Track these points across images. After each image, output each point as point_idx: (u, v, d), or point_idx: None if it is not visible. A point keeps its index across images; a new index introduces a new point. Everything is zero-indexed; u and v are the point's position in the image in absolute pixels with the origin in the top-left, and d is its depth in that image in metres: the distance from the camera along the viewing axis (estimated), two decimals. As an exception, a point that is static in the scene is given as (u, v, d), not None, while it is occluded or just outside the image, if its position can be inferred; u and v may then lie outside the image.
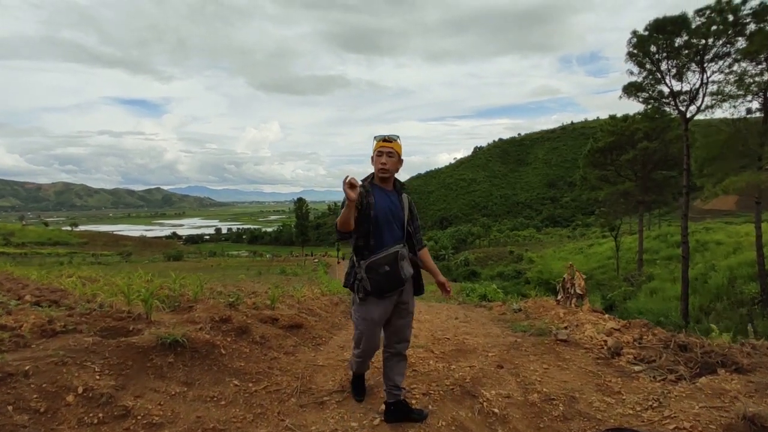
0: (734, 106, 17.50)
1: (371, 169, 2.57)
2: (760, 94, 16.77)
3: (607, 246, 41.84)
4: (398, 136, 2.51)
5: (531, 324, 4.96)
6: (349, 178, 2.15)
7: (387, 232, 2.47)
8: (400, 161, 2.54)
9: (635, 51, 19.94)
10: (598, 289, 26.81)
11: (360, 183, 2.33)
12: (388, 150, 2.47)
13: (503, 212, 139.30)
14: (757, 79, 16.66)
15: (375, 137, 2.49)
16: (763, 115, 16.88)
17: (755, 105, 17.26)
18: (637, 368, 3.29)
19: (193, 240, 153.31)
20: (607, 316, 4.84)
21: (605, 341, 4.09)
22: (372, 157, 2.52)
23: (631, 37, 19.83)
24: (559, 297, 5.75)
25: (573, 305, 5.44)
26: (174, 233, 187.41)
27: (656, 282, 24.67)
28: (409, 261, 2.54)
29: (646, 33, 19.33)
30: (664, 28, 18.79)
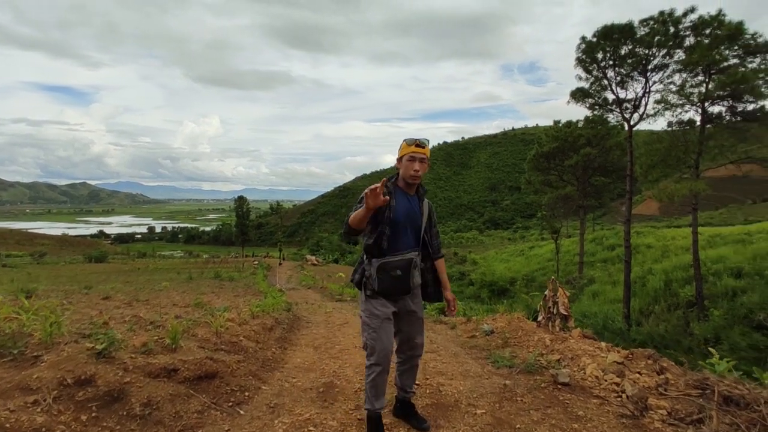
0: (675, 115, 18.06)
1: (317, 169, 1.97)
2: (699, 104, 17.37)
3: (546, 248, 43.02)
4: (428, 140, 2.41)
5: (514, 355, 4.02)
6: (377, 188, 2.01)
7: (402, 236, 2.40)
8: (428, 166, 2.49)
9: (584, 57, 20.13)
10: (540, 291, 27.19)
11: (384, 185, 2.16)
12: (421, 156, 2.40)
13: (447, 214, 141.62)
14: (696, 89, 17.25)
15: (406, 140, 2.41)
16: (700, 125, 17.50)
17: (692, 115, 17.90)
18: (685, 437, 2.41)
19: (123, 239, 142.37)
20: (603, 344, 4.01)
21: (617, 384, 3.22)
22: (399, 159, 2.45)
23: (580, 43, 20.01)
24: (540, 318, 4.89)
25: (557, 328, 4.59)
26: (101, 231, 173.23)
27: (597, 285, 25.30)
28: (420, 271, 2.47)
29: (594, 39, 19.55)
30: (611, 36, 19.08)
